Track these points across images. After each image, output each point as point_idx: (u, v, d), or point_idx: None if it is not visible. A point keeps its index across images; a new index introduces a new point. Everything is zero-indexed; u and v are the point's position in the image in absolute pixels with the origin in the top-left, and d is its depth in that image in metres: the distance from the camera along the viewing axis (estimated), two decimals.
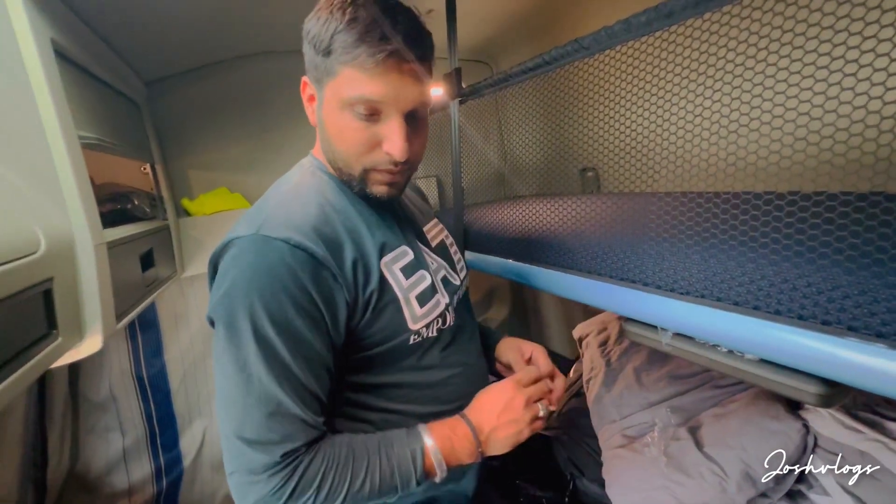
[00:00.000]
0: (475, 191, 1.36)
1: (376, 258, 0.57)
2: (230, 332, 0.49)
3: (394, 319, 0.58)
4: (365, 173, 0.58)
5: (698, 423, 1.01)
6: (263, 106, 1.57)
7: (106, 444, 1.52)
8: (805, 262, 0.54)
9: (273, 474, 0.48)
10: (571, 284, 0.85)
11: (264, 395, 0.49)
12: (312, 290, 0.51)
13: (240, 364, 0.49)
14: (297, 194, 0.59)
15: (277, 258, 0.50)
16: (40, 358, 0.64)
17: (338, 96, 0.53)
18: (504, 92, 1.11)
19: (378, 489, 0.53)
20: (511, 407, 0.58)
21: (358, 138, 0.55)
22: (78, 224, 0.76)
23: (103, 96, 1.04)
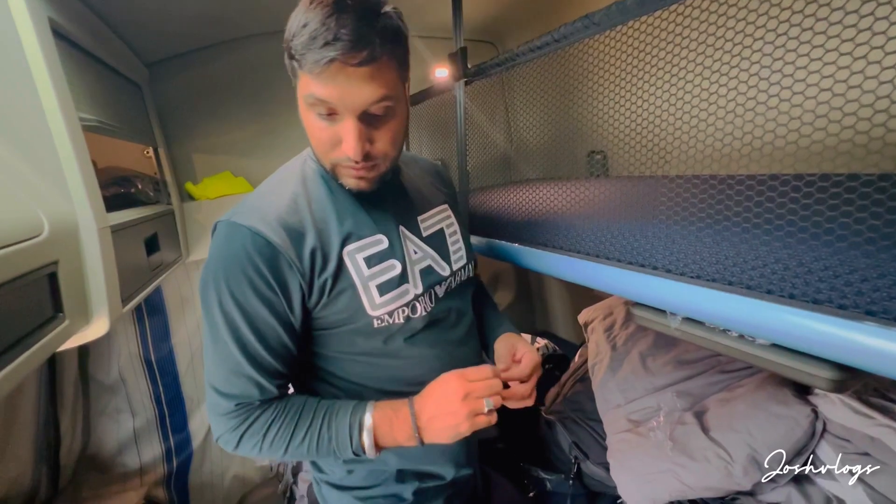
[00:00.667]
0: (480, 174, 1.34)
1: (338, 246, 0.61)
2: (205, 298, 0.59)
3: (351, 304, 0.62)
4: (333, 168, 0.61)
5: (704, 407, 1.01)
6: (268, 88, 1.55)
7: (117, 426, 1.54)
8: (821, 244, 0.52)
9: (231, 418, 0.60)
10: (579, 268, 0.83)
11: (227, 355, 0.58)
12: (268, 275, 0.57)
13: (211, 326, 0.59)
14: (278, 185, 0.65)
15: (240, 243, 0.57)
16: (48, 340, 0.64)
17: (301, 96, 0.57)
18: (511, 72, 1.08)
19: (317, 450, 0.60)
20: (449, 399, 0.59)
21: (322, 137, 0.58)
22: (81, 207, 0.75)
23: (104, 78, 1.03)
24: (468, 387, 0.59)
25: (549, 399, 1.46)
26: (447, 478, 0.75)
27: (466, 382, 0.59)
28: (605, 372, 1.27)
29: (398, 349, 0.66)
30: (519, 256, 1.00)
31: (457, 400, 0.58)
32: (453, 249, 0.75)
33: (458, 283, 0.75)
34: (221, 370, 0.59)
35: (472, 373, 0.61)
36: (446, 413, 0.58)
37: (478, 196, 1.26)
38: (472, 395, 0.58)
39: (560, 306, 2.25)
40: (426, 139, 1.69)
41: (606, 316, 1.47)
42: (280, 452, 0.61)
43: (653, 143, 0.73)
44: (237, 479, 1.77)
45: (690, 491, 0.88)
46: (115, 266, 0.83)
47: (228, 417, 0.60)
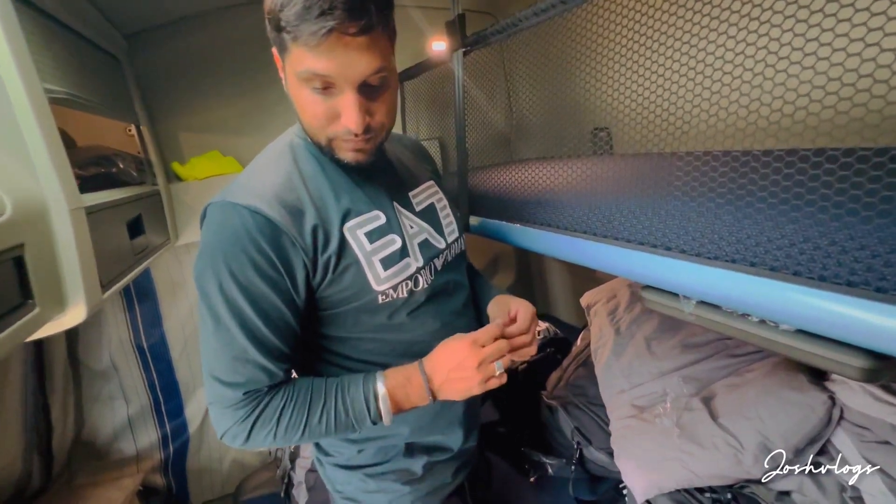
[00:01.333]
0: (480, 153, 1.28)
1: (338, 223, 0.60)
2: (203, 286, 0.56)
3: (356, 280, 0.61)
4: (330, 143, 0.59)
5: (712, 393, 0.98)
6: (256, 62, 1.47)
7: (111, 412, 1.52)
8: (858, 221, 0.48)
9: (239, 408, 0.57)
10: (585, 249, 0.79)
11: (231, 341, 0.56)
12: (271, 253, 0.55)
13: (212, 314, 0.56)
14: (269, 163, 0.63)
15: (239, 223, 0.55)
16: (17, 328, 0.60)
17: (293, 71, 0.54)
18: (511, 42, 1.01)
19: (335, 427, 0.59)
20: (463, 366, 0.59)
21: (317, 112, 0.56)
22: (49, 187, 0.70)
23: (75, 48, 0.96)
24: (481, 353, 0.59)
25: (551, 384, 1.43)
26: (454, 448, 0.76)
27: (479, 349, 0.59)
28: (609, 356, 1.24)
29: (402, 323, 0.66)
30: (522, 237, 0.95)
31: (471, 367, 0.59)
32: (445, 223, 0.75)
33: (453, 255, 0.75)
34: (225, 358, 0.57)
35: (482, 337, 0.60)
36: (459, 379, 0.59)
37: (478, 175, 1.20)
38: (486, 360, 0.59)
39: (561, 289, 2.22)
40: (423, 117, 1.62)
41: (610, 299, 1.43)
42: (297, 436, 0.59)
43: (663, 119, 0.67)
44: (236, 464, 1.76)
45: (698, 479, 0.85)
46: (92, 249, 0.78)
47: (236, 408, 0.57)
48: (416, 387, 0.61)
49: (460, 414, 0.75)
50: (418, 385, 0.60)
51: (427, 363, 0.62)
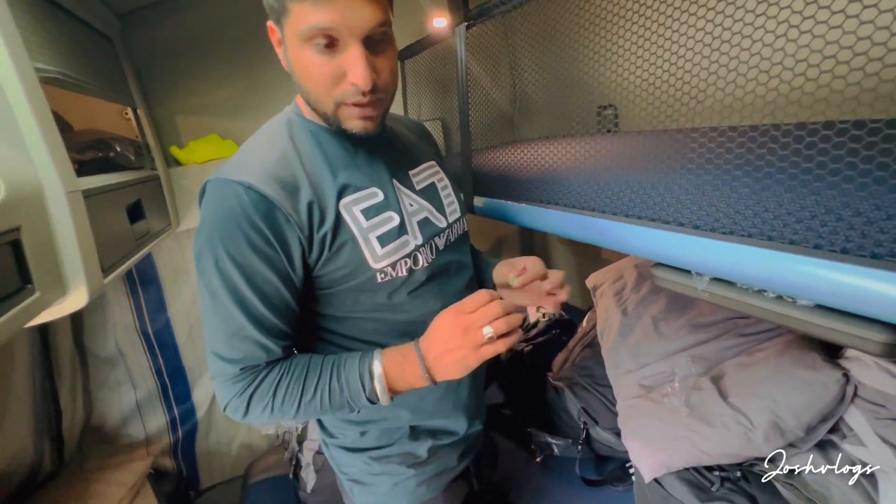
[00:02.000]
0: (484, 132, 1.25)
1: (334, 200, 0.59)
2: (200, 264, 0.57)
3: (353, 258, 0.60)
4: (337, 109, 0.57)
5: (721, 372, 0.97)
6: (254, 42, 1.43)
7: (119, 398, 1.53)
8: (886, 189, 0.45)
9: (237, 382, 0.58)
10: (594, 227, 0.77)
11: (228, 317, 0.56)
12: (266, 230, 0.54)
13: (210, 291, 0.56)
14: (264, 139, 0.62)
15: (234, 200, 0.54)
16: (16, 312, 0.59)
17: (295, 33, 0.53)
18: (515, 17, 0.98)
19: (329, 403, 0.59)
20: (451, 335, 0.56)
21: (322, 73, 0.54)
22: (44, 169, 0.68)
23: (66, 27, 0.93)
24: (465, 320, 0.56)
25: (557, 365, 1.43)
26: (460, 433, 0.75)
27: (464, 316, 0.56)
28: (615, 337, 1.23)
29: (402, 303, 0.65)
30: (527, 217, 0.93)
31: (457, 335, 0.56)
32: (447, 202, 0.74)
33: (455, 236, 0.74)
34: (223, 334, 0.57)
35: (467, 304, 0.57)
36: (450, 350, 0.56)
37: (481, 155, 1.18)
38: (472, 326, 0.55)
39: (566, 270, 2.20)
40: (425, 96, 1.58)
41: (616, 280, 1.41)
42: (292, 411, 0.59)
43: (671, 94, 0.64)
44: (244, 447, 1.78)
45: (707, 458, 0.85)
46: (91, 233, 0.76)
47: (234, 382, 0.58)
48: (412, 365, 0.58)
49: (464, 398, 0.74)
50: (413, 363, 0.58)
51: (422, 341, 0.59)
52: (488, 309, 0.56)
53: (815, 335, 0.54)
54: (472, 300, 0.57)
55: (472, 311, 0.56)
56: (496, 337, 0.54)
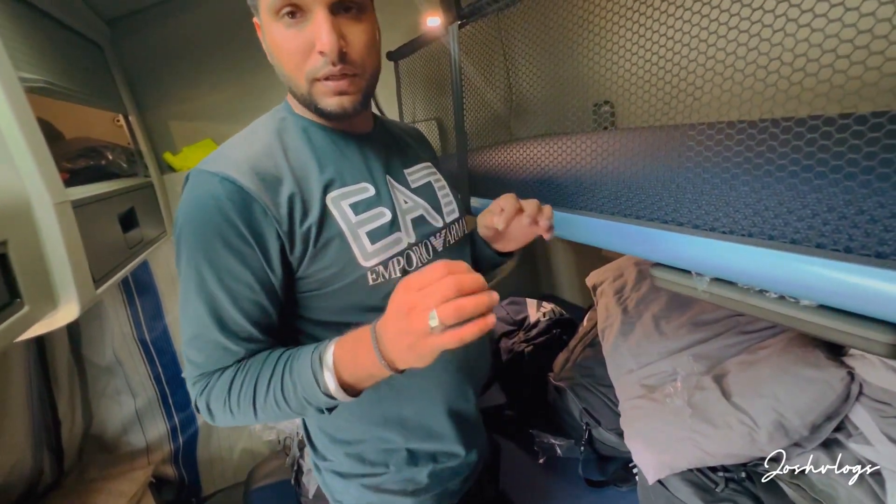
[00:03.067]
0: (480, 132, 1.24)
1: (319, 193, 0.56)
2: (176, 257, 0.54)
3: (341, 255, 0.56)
4: (310, 86, 0.55)
5: (724, 371, 0.96)
6: (246, 46, 1.42)
7: (118, 406, 1.52)
8: (891, 187, 0.44)
9: (196, 382, 0.55)
10: (592, 228, 0.76)
11: (195, 315, 0.53)
12: (239, 223, 0.51)
13: (183, 288, 0.54)
14: (250, 134, 0.59)
15: (207, 192, 0.51)
16: (3, 328, 0.58)
17: (266, 9, 0.52)
18: (509, 15, 0.97)
19: (286, 402, 0.51)
20: (399, 315, 0.44)
21: (291, 47, 0.52)
22: (31, 181, 0.67)
23: (53, 35, 0.92)
24: (412, 298, 0.42)
25: (558, 365, 1.41)
26: (461, 455, 0.70)
27: (412, 292, 0.42)
28: (616, 336, 1.22)
29: None
30: None
31: (403, 316, 0.43)
32: (444, 202, 0.71)
33: (455, 238, 0.71)
34: (189, 332, 0.54)
35: (415, 277, 0.43)
36: (400, 332, 0.43)
37: (478, 155, 1.16)
38: (417, 308, 0.41)
39: (566, 269, 2.19)
40: (420, 97, 1.57)
41: (616, 278, 1.40)
42: (249, 413, 0.52)
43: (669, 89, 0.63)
44: (246, 453, 1.77)
45: (711, 458, 0.84)
46: (81, 244, 0.75)
47: (194, 382, 0.55)
48: (365, 348, 0.47)
49: (455, 426, 0.68)
50: (366, 345, 0.47)
51: (380, 320, 0.47)
52: (439, 286, 0.41)
53: (819, 336, 0.52)
54: (423, 273, 0.43)
55: (421, 288, 0.42)
56: (443, 327, 0.40)
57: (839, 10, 0.42)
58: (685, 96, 0.62)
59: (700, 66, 0.58)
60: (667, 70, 0.63)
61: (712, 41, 0.56)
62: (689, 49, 0.59)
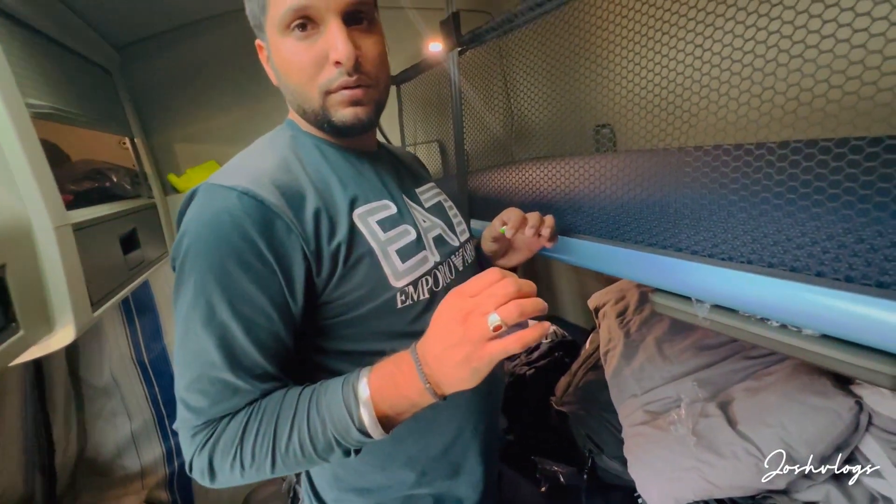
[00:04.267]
0: (480, 154, 1.25)
1: (346, 209, 0.52)
2: (177, 283, 0.47)
3: (371, 275, 0.52)
4: (324, 99, 0.52)
5: (729, 397, 0.94)
6: (250, 70, 1.45)
7: (114, 429, 1.50)
8: (889, 216, 0.44)
9: (195, 434, 0.46)
10: (591, 252, 0.75)
11: (199, 351, 0.46)
12: (260, 242, 0.46)
13: (183, 318, 0.46)
14: (262, 147, 0.56)
15: (222, 207, 0.46)
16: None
17: (274, 25, 0.51)
18: (509, 41, 0.98)
19: (313, 447, 0.45)
20: (450, 328, 0.42)
21: (304, 60, 0.50)
22: (33, 204, 0.68)
23: (63, 62, 0.94)
24: (467, 305, 0.41)
25: (560, 389, 1.39)
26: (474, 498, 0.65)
27: (465, 299, 0.41)
28: (619, 360, 1.20)
29: (425, 328, 0.54)
30: None
31: (457, 327, 0.41)
32: (455, 222, 0.70)
33: (471, 258, 0.69)
34: (188, 373, 0.46)
35: (471, 284, 0.42)
36: (451, 347, 0.41)
37: (478, 178, 1.17)
38: (474, 312, 0.40)
39: (568, 289, 2.17)
40: (421, 120, 1.59)
41: (619, 300, 1.38)
42: (267, 465, 0.45)
43: (669, 112, 0.63)
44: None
45: (717, 490, 0.81)
46: (81, 267, 0.75)
47: (193, 434, 0.46)
48: (407, 374, 0.44)
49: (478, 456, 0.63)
50: (409, 371, 0.44)
51: (422, 341, 0.45)
52: (497, 288, 0.40)
53: (824, 366, 0.51)
54: (478, 279, 0.42)
55: (476, 294, 0.41)
56: (506, 327, 0.39)
57: (830, 42, 0.43)
58: (681, 123, 0.62)
59: (695, 95, 0.58)
60: (664, 97, 0.63)
61: (706, 70, 0.56)
62: (684, 77, 0.59)
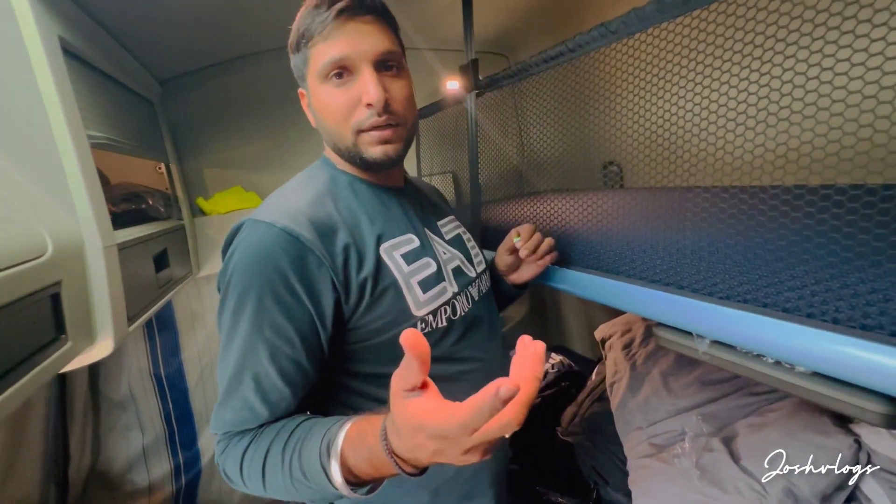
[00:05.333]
0: (492, 186, 1.32)
1: (373, 244, 0.58)
2: (221, 303, 0.54)
3: (395, 305, 0.57)
4: (356, 137, 0.59)
5: (733, 432, 0.95)
6: (279, 103, 1.55)
7: (126, 443, 1.53)
8: (870, 265, 0.48)
9: (219, 441, 0.54)
10: (597, 286, 0.79)
11: (231, 368, 0.52)
12: (292, 274, 0.51)
13: (224, 337, 0.53)
14: (299, 184, 0.62)
15: (259, 241, 0.52)
16: (49, 363, 0.62)
17: (315, 75, 0.58)
18: (522, 83, 1.06)
19: (294, 488, 0.46)
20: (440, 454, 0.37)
21: (339, 103, 0.57)
22: (87, 226, 0.74)
23: (116, 95, 1.03)
24: (467, 443, 0.34)
25: (566, 419, 1.40)
26: None
27: (463, 439, 0.34)
28: (625, 392, 1.22)
29: (441, 357, 0.61)
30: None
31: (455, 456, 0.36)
32: (473, 253, 0.75)
33: (486, 288, 0.74)
34: (223, 386, 0.53)
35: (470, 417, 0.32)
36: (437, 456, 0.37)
37: (490, 209, 1.23)
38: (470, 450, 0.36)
39: (575, 320, 2.19)
40: (436, 152, 1.67)
41: (625, 332, 1.41)
42: (260, 490, 0.49)
43: (671, 152, 0.69)
44: (247, 498, 1.73)
45: None
46: (122, 285, 0.81)
47: (218, 441, 0.54)
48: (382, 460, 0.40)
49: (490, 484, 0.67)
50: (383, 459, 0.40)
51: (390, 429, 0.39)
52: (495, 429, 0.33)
53: (816, 402, 0.54)
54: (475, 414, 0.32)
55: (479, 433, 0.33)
56: None
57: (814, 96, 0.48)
58: (683, 163, 0.67)
59: (695, 137, 0.64)
60: (668, 139, 0.69)
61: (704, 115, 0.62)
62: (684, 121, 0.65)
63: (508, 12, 1.52)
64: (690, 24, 0.60)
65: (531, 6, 1.47)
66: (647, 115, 0.72)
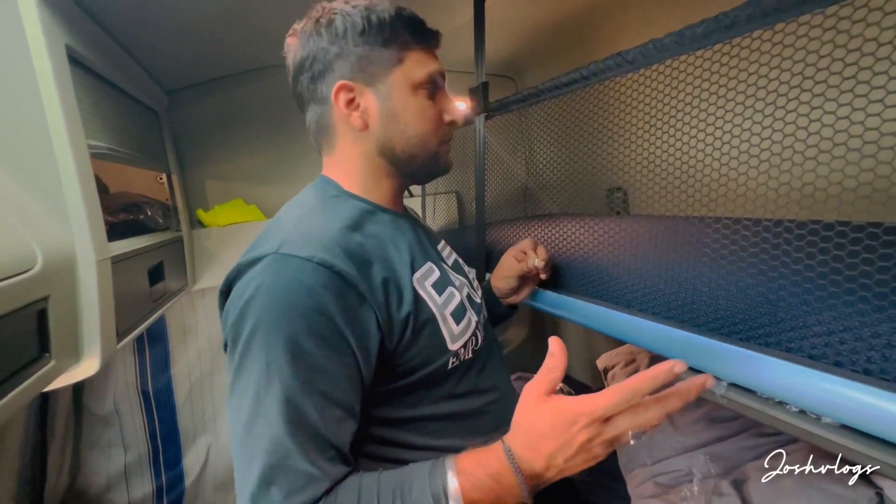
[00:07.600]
0: (496, 207, 1.30)
1: (408, 275, 0.54)
2: (241, 360, 0.44)
3: (433, 340, 0.54)
4: (440, 147, 0.62)
5: (743, 475, 0.91)
6: (283, 117, 1.55)
7: (107, 460, 1.47)
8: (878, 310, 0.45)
9: None
10: (606, 318, 0.77)
11: (272, 440, 0.42)
12: (336, 315, 0.44)
13: (246, 400, 0.43)
14: (315, 210, 0.55)
15: (295, 279, 0.44)
16: (29, 384, 0.59)
17: (409, 81, 0.57)
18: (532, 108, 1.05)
19: None
20: (584, 448, 0.40)
21: (432, 115, 0.59)
22: (81, 238, 0.71)
23: (121, 105, 1.02)
24: (613, 430, 0.40)
25: None
26: None
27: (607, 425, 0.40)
28: None
29: (468, 392, 0.58)
30: (535, 298, 0.94)
31: (600, 452, 0.42)
32: (471, 277, 0.73)
33: (486, 311, 0.73)
34: (260, 463, 0.41)
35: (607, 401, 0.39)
36: (578, 461, 0.41)
37: (494, 231, 1.21)
38: (616, 440, 0.41)
39: (576, 346, 2.16)
40: None
41: (628, 363, 1.38)
42: None
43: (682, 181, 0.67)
44: None
45: None
46: (113, 300, 0.78)
47: None
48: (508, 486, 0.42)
49: None
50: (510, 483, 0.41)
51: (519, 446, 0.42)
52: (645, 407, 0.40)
53: (845, 457, 0.51)
54: (616, 395, 0.39)
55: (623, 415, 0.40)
56: None
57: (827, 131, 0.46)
58: (694, 192, 0.65)
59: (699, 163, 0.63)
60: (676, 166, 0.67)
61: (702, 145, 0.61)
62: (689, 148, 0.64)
63: (519, 36, 1.52)
64: (712, 59, 0.59)
65: (542, 31, 1.48)
66: (659, 144, 0.71)
